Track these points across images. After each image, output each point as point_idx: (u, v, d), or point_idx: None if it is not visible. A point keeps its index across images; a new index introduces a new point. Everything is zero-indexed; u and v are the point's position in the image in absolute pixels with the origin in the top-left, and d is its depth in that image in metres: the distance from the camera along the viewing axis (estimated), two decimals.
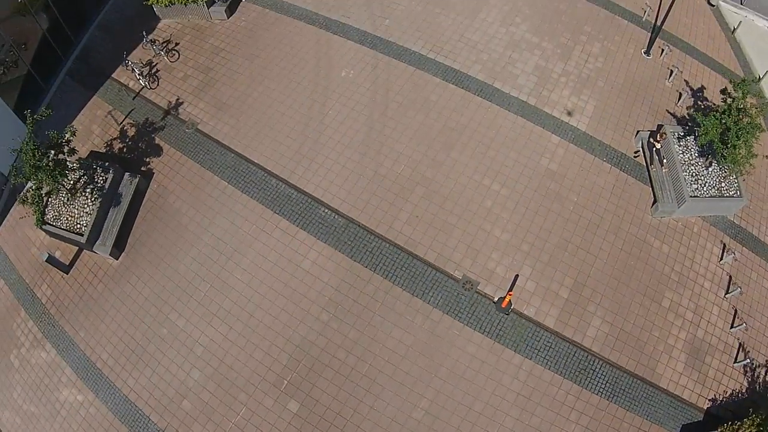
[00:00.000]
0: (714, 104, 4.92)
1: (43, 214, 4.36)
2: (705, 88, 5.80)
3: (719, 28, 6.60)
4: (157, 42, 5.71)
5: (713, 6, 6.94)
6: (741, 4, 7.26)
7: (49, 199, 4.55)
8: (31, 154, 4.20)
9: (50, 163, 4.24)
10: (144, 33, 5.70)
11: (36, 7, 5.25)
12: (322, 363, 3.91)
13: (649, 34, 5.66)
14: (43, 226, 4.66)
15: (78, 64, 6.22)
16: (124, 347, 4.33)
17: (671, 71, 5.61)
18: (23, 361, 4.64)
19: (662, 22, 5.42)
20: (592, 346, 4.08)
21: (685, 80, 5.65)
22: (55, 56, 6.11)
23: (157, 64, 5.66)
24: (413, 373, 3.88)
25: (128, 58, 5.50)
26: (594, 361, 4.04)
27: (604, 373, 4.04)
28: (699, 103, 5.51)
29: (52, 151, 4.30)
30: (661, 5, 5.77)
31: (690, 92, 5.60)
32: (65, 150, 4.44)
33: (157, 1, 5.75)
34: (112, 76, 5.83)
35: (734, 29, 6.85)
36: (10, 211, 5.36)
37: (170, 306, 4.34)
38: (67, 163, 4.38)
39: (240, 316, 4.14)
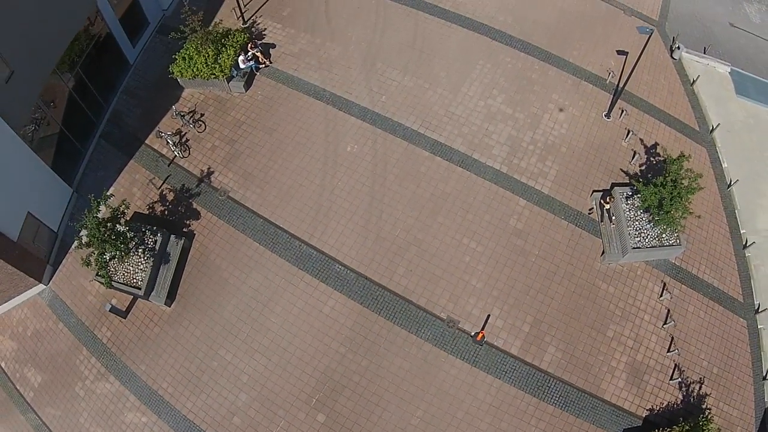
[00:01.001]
0: (665, 156, 7.01)
1: (111, 277, 6.47)
2: (658, 144, 8.16)
3: (679, 81, 8.93)
4: (184, 114, 7.90)
5: (675, 59, 9.07)
6: (704, 53, 9.42)
7: (98, 269, 6.58)
8: (96, 230, 6.26)
9: (113, 236, 6.34)
10: (174, 107, 7.93)
11: (66, 73, 7.29)
12: (342, 384, 6.30)
13: (611, 96, 7.90)
14: (98, 278, 6.76)
15: (110, 127, 8.56)
16: (182, 377, 6.62)
17: (628, 131, 7.90)
18: (88, 392, 6.97)
19: (625, 83, 7.51)
20: (548, 369, 6.46)
21: (640, 139, 7.99)
22: (87, 119, 8.40)
23: (186, 133, 7.92)
24: (410, 391, 6.28)
25: (162, 130, 7.71)
26: (549, 380, 6.43)
27: (557, 389, 6.43)
28: (651, 159, 7.85)
29: (110, 224, 6.37)
30: (624, 66, 7.88)
31: (644, 150, 7.94)
32: (122, 221, 6.58)
33: (182, 75, 7.84)
34: (146, 142, 8.08)
35: (693, 81, 9.09)
36: (62, 262, 7.59)
37: (218, 344, 6.67)
38: (127, 233, 6.44)
39: (276, 350, 6.49)
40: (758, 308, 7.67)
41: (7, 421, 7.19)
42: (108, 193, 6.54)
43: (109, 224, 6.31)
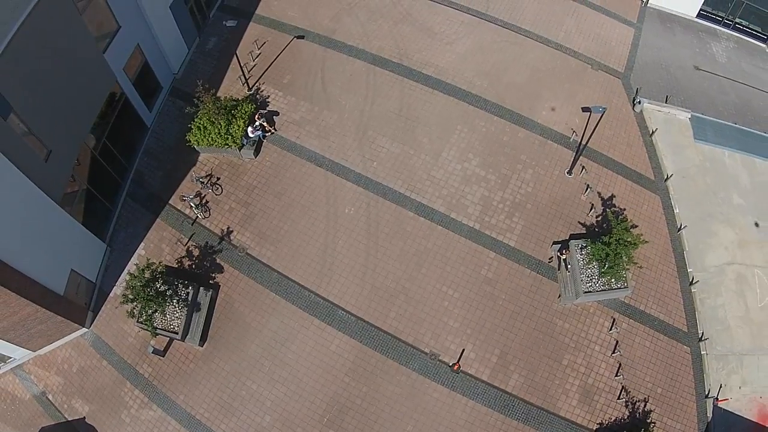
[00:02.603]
0: (611, 219, 10.51)
1: (155, 327, 9.97)
2: (615, 196, 11.74)
3: (639, 133, 12.48)
4: (203, 178, 11.60)
5: (637, 112, 12.37)
6: (665, 101, 12.71)
7: (141, 320, 10.14)
8: (142, 291, 9.74)
9: (155, 295, 9.67)
10: (192, 172, 11.38)
11: (92, 140, 10.53)
12: (347, 407, 10.19)
13: (574, 153, 11.24)
14: (140, 325, 10.16)
15: (135, 187, 12.37)
16: (216, 404, 10.32)
17: (587, 186, 11.38)
18: (133, 418, 10.67)
19: (588, 141, 10.77)
20: (513, 391, 10.34)
21: (598, 192, 11.66)
22: (113, 180, 12.08)
23: (205, 196, 11.57)
24: (401, 411, 10.18)
25: (184, 195, 11.19)
26: (514, 400, 10.32)
27: (520, 408, 10.30)
28: (606, 210, 11.34)
29: (152, 284, 9.70)
30: (588, 122, 11.15)
31: (601, 203, 11.53)
32: (159, 281, 9.89)
33: (198, 143, 11.21)
34: (169, 202, 11.61)
35: (652, 132, 12.42)
36: (102, 308, 11.00)
37: (245, 376, 10.46)
38: (165, 292, 9.75)
39: (293, 380, 10.39)
40: (701, 336, 11.24)
41: None
42: (149, 262, 9.98)
43: (149, 285, 9.79)
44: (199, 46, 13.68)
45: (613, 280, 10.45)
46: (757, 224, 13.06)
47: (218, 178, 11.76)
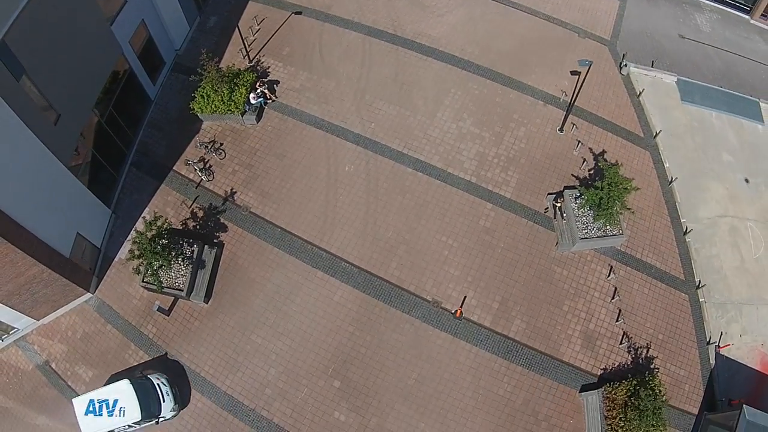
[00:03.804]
0: (603, 165, 11.84)
1: (161, 283, 10.98)
2: (606, 151, 12.98)
3: (626, 94, 14.02)
4: (206, 143, 12.92)
5: (624, 75, 13.99)
6: (651, 66, 14.37)
7: (147, 276, 11.17)
8: (148, 245, 10.74)
9: (161, 249, 10.72)
10: (197, 138, 12.62)
11: (99, 110, 11.91)
12: (352, 356, 11.17)
13: (564, 113, 12.63)
14: (146, 285, 11.21)
15: (139, 156, 13.63)
16: (220, 360, 11.16)
17: (578, 142, 12.69)
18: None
19: (576, 100, 12.25)
20: (515, 337, 11.30)
21: (589, 148, 13.01)
22: (119, 150, 13.36)
23: (209, 161, 12.75)
24: (406, 358, 11.14)
25: (189, 159, 12.32)
26: (517, 346, 11.30)
27: (524, 353, 11.28)
28: (598, 164, 12.75)
29: (157, 239, 10.77)
30: (576, 85, 12.70)
31: (592, 157, 12.86)
32: (165, 237, 10.97)
33: (202, 111, 12.53)
34: (173, 168, 12.77)
35: (639, 93, 13.99)
36: (106, 273, 11.98)
37: (250, 330, 11.40)
38: (170, 246, 10.82)
39: (298, 332, 11.36)
40: (699, 284, 12.36)
41: (61, 415, 11.67)
42: (156, 215, 11.23)
43: (156, 240, 10.78)
44: (199, 24, 15.33)
45: (608, 226, 11.71)
46: (747, 180, 14.55)
47: (221, 144, 13.08)
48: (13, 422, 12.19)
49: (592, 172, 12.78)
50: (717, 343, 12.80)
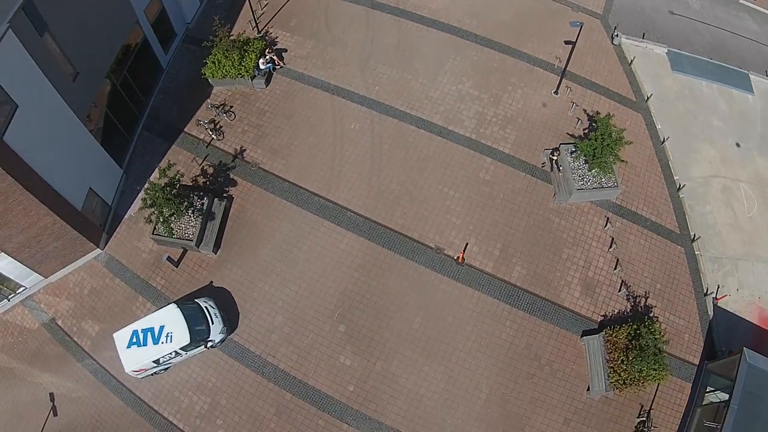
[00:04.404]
0: (596, 118, 12.91)
1: (172, 230, 11.77)
2: (599, 113, 14.02)
3: (618, 63, 15.34)
4: (217, 106, 13.95)
5: (616, 45, 15.37)
6: (642, 38, 15.78)
7: (159, 224, 11.94)
8: (161, 192, 11.62)
9: (173, 197, 11.63)
10: (208, 101, 13.61)
11: (115, 75, 13.09)
12: (357, 301, 11.98)
13: (559, 78, 13.82)
14: (156, 236, 12.13)
15: (151, 120, 14.70)
16: (228, 307, 11.54)
17: (573, 103, 13.84)
18: None
19: (570, 66, 13.48)
20: (516, 282, 12.16)
21: (583, 109, 14.10)
22: (132, 113, 14.47)
23: (219, 122, 13.75)
24: (410, 303, 11.96)
25: (200, 119, 13.27)
26: (518, 291, 12.16)
27: (525, 298, 12.10)
28: (593, 124, 13.61)
29: (169, 188, 11.71)
30: (570, 53, 13.98)
31: (586, 117, 13.94)
32: (177, 186, 11.91)
33: (213, 76, 13.72)
34: (184, 130, 13.76)
35: (631, 61, 15.27)
36: (116, 230, 12.80)
37: (257, 278, 12.18)
38: (181, 195, 11.75)
39: (304, 279, 12.19)
40: (694, 237, 13.24)
41: (64, 371, 12.34)
42: (170, 164, 12.08)
43: (168, 188, 11.71)
44: (209, 0, 16.86)
45: (602, 178, 12.76)
46: (738, 145, 15.72)
47: (231, 107, 14.23)
48: (16, 382, 12.78)
49: (586, 130, 13.86)
50: (714, 295, 13.72)
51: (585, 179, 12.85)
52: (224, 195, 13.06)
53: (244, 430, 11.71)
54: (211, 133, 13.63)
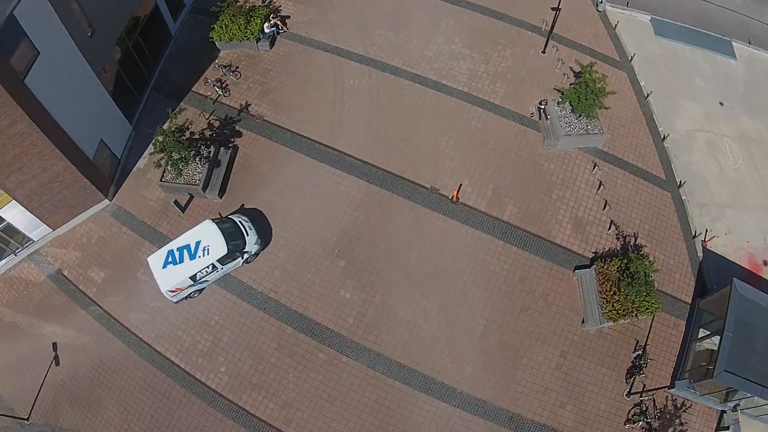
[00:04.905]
0: (580, 68, 14.27)
1: (181, 171, 12.97)
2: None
3: (603, 27, 16.93)
4: (224, 66, 15.34)
5: (600, 11, 17.00)
6: (627, 6, 17.43)
7: (168, 167, 13.02)
8: (172, 135, 12.82)
9: (183, 141, 12.82)
10: (216, 61, 15.01)
11: (128, 38, 14.50)
12: (357, 238, 12.99)
13: (546, 39, 15.26)
14: (164, 183, 13.36)
15: (160, 82, 16.03)
16: None
17: (559, 61, 15.20)
18: (149, 274, 12.68)
19: (555, 27, 15.00)
20: (509, 220, 13.17)
21: (570, 67, 15.34)
22: (142, 74, 15.82)
23: (226, 81, 15.01)
24: (408, 239, 12.98)
25: (208, 77, 14.64)
26: (511, 228, 13.15)
27: (518, 235, 13.08)
28: (578, 77, 14.90)
29: (179, 133, 12.92)
30: (556, 18, 15.49)
31: (572, 74, 15.19)
32: (187, 133, 13.12)
33: (220, 39, 15.22)
34: (192, 89, 15.06)
35: (615, 25, 16.84)
36: (124, 183, 13.84)
37: (261, 219, 12.90)
38: (190, 141, 12.94)
39: (305, 218, 13.24)
40: (680, 183, 14.27)
41: (68, 320, 13.21)
42: (180, 108, 13.32)
43: (178, 133, 12.96)
44: None
45: (588, 125, 13.97)
46: (721, 103, 17.03)
47: (237, 67, 15.61)
48: (19, 336, 13.51)
49: (572, 85, 15.02)
50: (703, 238, 14.63)
51: (571, 126, 14.08)
52: (230, 145, 14.26)
53: (246, 365, 12.48)
54: (218, 89, 14.96)
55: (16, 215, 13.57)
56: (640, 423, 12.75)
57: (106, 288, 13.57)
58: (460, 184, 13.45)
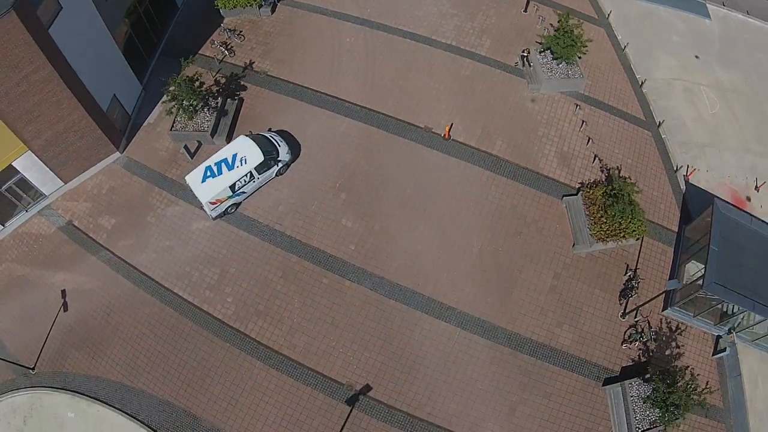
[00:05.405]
0: (559, 18, 16.09)
1: (193, 114, 14.55)
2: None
3: None
4: (228, 30, 17.20)
5: None
6: None
7: (180, 114, 14.61)
8: (184, 83, 14.40)
9: (196, 88, 14.38)
10: (222, 25, 16.86)
11: (139, 6, 16.33)
12: (356, 173, 14.38)
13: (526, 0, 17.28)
14: (174, 132, 14.98)
15: (168, 47, 17.87)
16: None
17: (540, 17, 17.12)
18: (159, 217, 14.31)
19: None
20: (498, 154, 14.66)
21: (550, 23, 17.11)
22: (151, 40, 17.56)
23: (231, 43, 16.73)
24: (404, 172, 14.42)
25: (214, 40, 16.44)
26: (500, 161, 14.59)
27: (507, 167, 14.49)
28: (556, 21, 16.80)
29: (191, 82, 14.53)
30: None
31: (553, 29, 16.94)
32: (197, 82, 14.71)
33: (224, 6, 17.13)
34: (199, 52, 16.80)
35: None
36: (134, 137, 15.26)
37: None
38: (201, 90, 14.53)
39: (308, 156, 14.72)
40: (660, 123, 15.71)
41: (78, 267, 14.32)
42: (192, 58, 14.97)
43: (190, 81, 14.50)
44: None
45: (569, 70, 15.60)
46: (697, 57, 18.78)
47: (241, 31, 17.42)
48: (28, 288, 14.51)
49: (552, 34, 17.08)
50: (685, 173, 15.92)
51: (553, 71, 15.80)
52: (236, 97, 15.83)
53: (252, 294, 13.50)
54: (223, 50, 16.69)
55: (31, 166, 14.79)
56: (637, 343, 13.75)
57: (116, 233, 14.70)
58: (452, 123, 14.95)
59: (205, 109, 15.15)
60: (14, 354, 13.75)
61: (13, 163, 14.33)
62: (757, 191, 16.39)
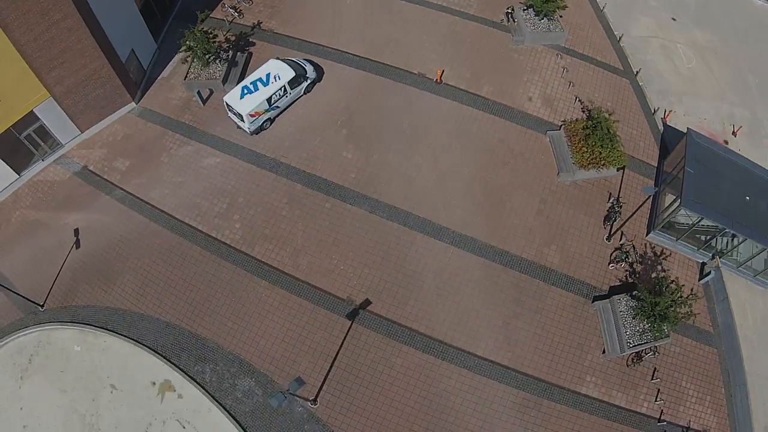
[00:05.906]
0: None
1: (207, 63, 16.46)
2: None
3: None
4: None
5: None
6: None
7: (191, 67, 16.61)
8: (201, 35, 16.48)
9: (209, 39, 16.44)
10: None
11: None
12: (356, 112, 16.33)
13: None
14: (188, 81, 16.93)
15: (181, 12, 19.89)
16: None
17: None
18: (172, 156, 16.02)
19: None
20: (485, 95, 16.64)
21: None
22: (165, 4, 19.61)
23: (240, 6, 18.95)
24: (400, 111, 16.34)
25: (225, 3, 18.67)
26: (488, 102, 16.48)
27: (495, 107, 16.49)
28: None
29: (206, 33, 16.60)
30: None
31: None
32: (211, 35, 16.79)
33: None
34: (210, 15, 18.94)
35: None
36: (149, 90, 17.16)
37: None
38: (214, 43, 16.59)
39: (312, 100, 16.55)
40: (637, 72, 17.62)
41: (91, 206, 15.74)
42: (207, 13, 16.93)
43: (204, 33, 16.44)
44: None
45: (550, 25, 17.63)
46: (674, 19, 20.91)
47: None
48: (42, 230, 15.94)
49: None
50: (662, 115, 17.61)
51: (535, 26, 17.89)
52: (245, 50, 17.89)
53: (259, 220, 15.00)
54: (233, 12, 18.85)
55: (50, 113, 16.35)
56: (623, 264, 15.03)
57: (129, 173, 16.33)
58: (443, 69, 16.90)
59: (217, 61, 17.14)
60: (23, 294, 15.06)
61: (34, 110, 16.14)
62: (734, 135, 18.17)
